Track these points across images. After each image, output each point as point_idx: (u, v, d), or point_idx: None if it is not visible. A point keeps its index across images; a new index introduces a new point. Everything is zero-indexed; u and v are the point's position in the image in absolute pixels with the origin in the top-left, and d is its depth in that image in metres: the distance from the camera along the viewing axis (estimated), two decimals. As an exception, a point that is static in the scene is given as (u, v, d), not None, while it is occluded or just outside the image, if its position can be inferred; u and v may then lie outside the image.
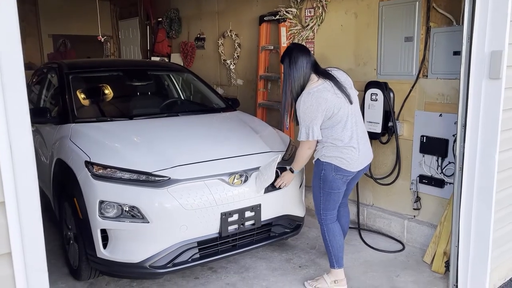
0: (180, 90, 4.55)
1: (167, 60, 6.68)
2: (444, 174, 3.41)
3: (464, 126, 2.69)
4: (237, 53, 5.41)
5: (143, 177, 2.69)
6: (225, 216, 2.80)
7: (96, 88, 3.98)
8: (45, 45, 7.98)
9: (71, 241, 3.07)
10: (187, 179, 2.72)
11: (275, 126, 4.75)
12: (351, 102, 2.83)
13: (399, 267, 3.32)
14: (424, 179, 3.55)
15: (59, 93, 3.68)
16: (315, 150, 2.91)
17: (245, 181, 2.91)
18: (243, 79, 5.45)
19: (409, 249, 3.60)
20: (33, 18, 7.80)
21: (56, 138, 3.30)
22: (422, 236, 3.58)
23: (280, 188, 3.04)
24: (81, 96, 3.74)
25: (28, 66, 6.81)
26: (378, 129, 3.73)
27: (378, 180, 3.87)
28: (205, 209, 2.72)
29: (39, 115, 3.48)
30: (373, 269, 3.31)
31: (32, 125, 3.92)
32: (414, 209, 3.66)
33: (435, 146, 3.44)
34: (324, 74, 2.85)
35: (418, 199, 3.62)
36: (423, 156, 3.53)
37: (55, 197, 3.33)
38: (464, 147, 2.70)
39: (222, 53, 5.66)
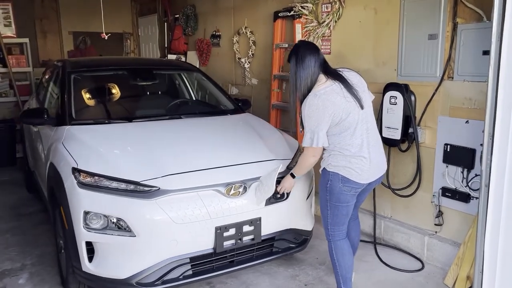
0: (188, 90, 4.34)
1: (183, 58, 6.50)
2: (470, 188, 3.05)
3: (492, 136, 2.34)
4: (251, 51, 5.16)
5: (132, 187, 2.48)
6: (220, 230, 2.56)
7: (98, 88, 3.82)
8: (65, 42, 7.96)
9: (62, 250, 2.91)
10: (179, 190, 2.50)
11: (288, 128, 4.50)
12: (362, 107, 2.54)
13: (416, 290, 3.00)
14: (448, 192, 3.21)
15: (59, 93, 3.53)
16: (321, 158, 2.63)
17: (244, 192, 2.65)
18: (258, 79, 5.19)
19: (429, 269, 3.26)
20: (53, 15, 7.79)
21: (52, 140, 3.15)
22: (444, 255, 3.24)
23: (282, 196, 2.77)
24: (81, 96, 3.58)
25: (47, 63, 6.78)
26: (397, 135, 3.40)
27: (396, 191, 3.54)
28: (197, 223, 2.49)
29: (35, 116, 3.35)
30: (387, 291, 3.00)
31: (34, 126, 3.84)
32: (435, 224, 3.32)
33: (460, 156, 3.09)
34: (334, 74, 2.57)
35: (440, 214, 3.28)
36: (447, 166, 3.19)
37: (49, 203, 3.18)
38: (491, 160, 2.36)
39: (237, 51, 5.41)
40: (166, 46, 7.14)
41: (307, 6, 4.15)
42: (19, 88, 6.90)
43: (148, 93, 4.14)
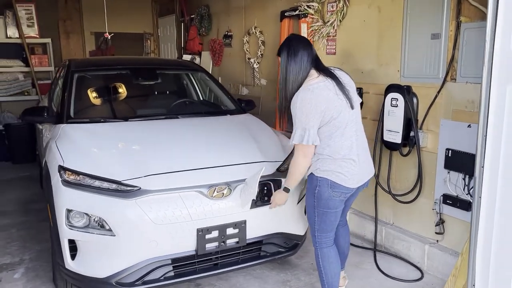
0: (192, 90, 4.33)
1: (197, 59, 6.52)
2: (471, 195, 2.89)
3: (485, 141, 2.21)
4: (260, 51, 5.11)
5: (113, 186, 2.48)
6: (201, 232, 2.52)
7: (99, 87, 3.86)
8: (87, 42, 8.14)
9: (54, 247, 2.95)
10: (159, 190, 2.47)
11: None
12: (352, 107, 2.44)
13: (411, 301, 2.87)
14: (449, 200, 3.05)
15: (62, 91, 3.59)
16: None
17: (228, 194, 2.61)
18: (267, 79, 5.13)
19: (428, 279, 3.12)
20: (76, 15, 7.98)
21: (49, 138, 3.20)
22: (444, 265, 3.09)
23: (268, 200, 2.70)
24: (82, 95, 3.63)
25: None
26: (398, 139, 3.27)
27: (397, 197, 3.40)
28: (178, 224, 2.46)
29: (36, 114, 3.41)
30: (380, 300, 2.88)
31: (40, 124, 3.92)
32: (436, 233, 3.17)
33: (461, 162, 2.93)
34: (326, 71, 2.47)
35: (441, 222, 3.13)
36: (448, 172, 3.03)
37: (46, 200, 3.23)
38: (483, 167, 2.22)
39: (247, 51, 5.38)
40: (182, 46, 7.19)
41: (313, 5, 4.06)
42: (40, 87, 7.12)
43: (149, 92, 4.16)
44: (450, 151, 3.00)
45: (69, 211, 2.47)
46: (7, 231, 3.94)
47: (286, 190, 2.60)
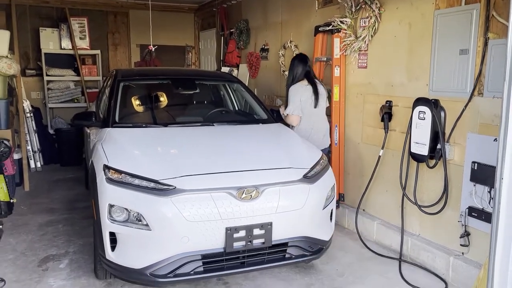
0: (227, 100, 4.56)
1: (235, 71, 6.78)
2: (496, 209, 2.92)
3: (503, 153, 2.27)
4: (295, 65, 5.28)
5: (151, 185, 2.71)
6: (230, 231, 2.70)
7: (142, 95, 4.16)
8: (133, 54, 8.61)
9: (96, 240, 3.21)
10: (193, 190, 2.68)
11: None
12: (315, 106, 4.11)
13: (432, 310, 2.92)
14: (474, 212, 3.09)
15: (108, 98, 3.91)
16: None
17: (256, 197, 2.78)
18: (300, 91, 5.29)
19: (452, 291, 3.15)
20: (124, 29, 8.48)
21: (96, 140, 3.50)
22: (469, 277, 3.11)
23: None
24: (126, 102, 3.93)
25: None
26: (424, 151, 3.34)
27: (423, 208, 3.46)
28: (208, 222, 2.66)
29: (85, 118, 3.73)
30: (401, 308, 2.95)
31: (88, 128, 4.26)
32: (461, 245, 3.20)
33: (487, 175, 2.97)
34: (312, 81, 4.14)
35: (466, 234, 3.16)
36: (474, 185, 3.07)
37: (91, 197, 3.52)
38: (502, 176, 2.28)
39: (282, 64, 5.57)
40: (221, 59, 7.48)
41: (346, 21, 4.21)
42: (89, 95, 7.62)
43: (187, 101, 4.42)
44: (476, 164, 3.05)
45: (111, 206, 2.71)
46: (54, 226, 4.27)
47: None
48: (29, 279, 3.20)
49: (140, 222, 2.66)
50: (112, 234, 2.74)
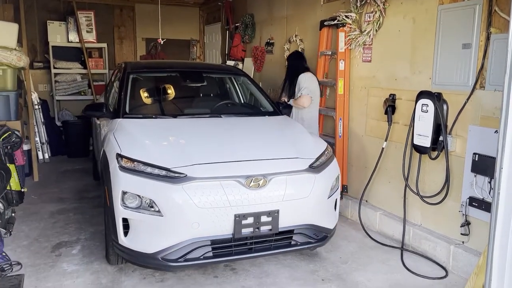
0: (234, 92, 4.65)
1: (240, 65, 6.86)
2: (496, 198, 3.01)
3: (503, 143, 2.36)
4: (300, 58, 5.37)
5: (163, 173, 2.81)
6: (238, 218, 2.80)
7: (151, 87, 4.25)
8: (139, 47, 8.70)
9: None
10: (203, 178, 2.78)
11: (330, 134, 4.64)
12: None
13: (432, 296, 3.02)
14: (475, 202, 3.19)
15: (118, 90, 4.00)
16: None
17: (264, 185, 2.88)
18: (305, 85, 5.38)
19: (452, 278, 3.25)
20: (130, 23, 8.56)
21: (107, 130, 3.60)
22: (469, 265, 3.21)
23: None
24: (136, 94, 4.03)
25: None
26: (427, 143, 3.44)
27: (425, 198, 3.55)
28: (218, 209, 2.76)
29: (96, 109, 3.83)
30: (402, 293, 3.05)
31: (97, 119, 4.36)
32: (461, 234, 3.29)
33: (488, 166, 3.06)
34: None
35: (466, 224, 3.25)
36: (475, 176, 3.17)
37: (102, 186, 3.62)
38: (502, 166, 2.37)
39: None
40: (226, 52, 7.57)
41: (351, 16, 4.29)
42: (96, 87, 7.72)
43: (195, 93, 4.52)
44: (477, 155, 3.14)
45: (124, 193, 2.82)
46: (65, 215, 4.39)
47: None
48: (44, 263, 3.31)
49: (152, 209, 2.77)
50: (125, 220, 2.85)
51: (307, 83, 4.37)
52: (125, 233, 2.87)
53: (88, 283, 3.05)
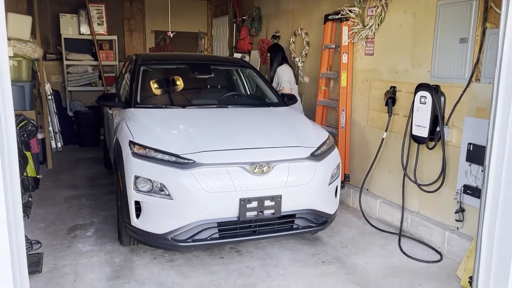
0: (241, 84, 4.82)
1: (247, 57, 7.00)
2: (488, 186, 3.16)
3: (492, 134, 2.51)
4: (305, 51, 5.52)
5: (173, 159, 3.00)
6: (243, 202, 2.98)
7: (161, 78, 4.43)
8: (148, 40, 8.87)
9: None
10: (210, 164, 2.96)
11: (333, 125, 4.80)
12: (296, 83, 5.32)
13: (426, 278, 3.19)
14: (469, 190, 3.34)
15: (129, 81, 4.19)
16: None
17: (267, 172, 3.05)
18: (310, 77, 5.53)
19: (446, 262, 3.41)
20: (139, 15, 8.72)
21: (119, 120, 3.79)
22: (463, 250, 3.37)
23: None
24: (147, 84, 4.21)
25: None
26: (424, 133, 3.59)
27: (422, 186, 3.71)
28: (224, 193, 2.94)
29: (109, 99, 4.02)
30: (397, 275, 3.22)
31: (109, 109, 4.56)
32: (456, 220, 3.45)
33: (481, 155, 3.19)
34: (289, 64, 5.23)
35: (461, 210, 3.41)
36: (470, 165, 3.32)
37: (114, 172, 3.82)
38: (491, 155, 2.53)
39: (293, 50, 5.80)
40: (234, 45, 7.72)
41: (354, 10, 4.42)
42: (106, 79, 7.91)
43: (203, 85, 4.70)
44: (471, 145, 3.29)
45: (136, 177, 3.01)
46: (78, 200, 4.60)
47: None
48: (60, 244, 3.52)
49: (162, 192, 2.95)
50: (137, 203, 3.04)
51: (285, 75, 5.08)
52: (137, 215, 3.06)
53: (102, 261, 3.25)
